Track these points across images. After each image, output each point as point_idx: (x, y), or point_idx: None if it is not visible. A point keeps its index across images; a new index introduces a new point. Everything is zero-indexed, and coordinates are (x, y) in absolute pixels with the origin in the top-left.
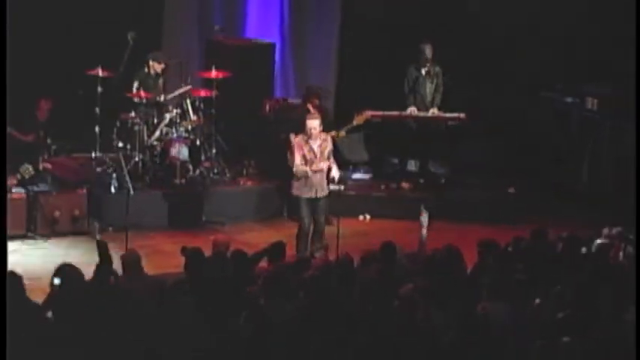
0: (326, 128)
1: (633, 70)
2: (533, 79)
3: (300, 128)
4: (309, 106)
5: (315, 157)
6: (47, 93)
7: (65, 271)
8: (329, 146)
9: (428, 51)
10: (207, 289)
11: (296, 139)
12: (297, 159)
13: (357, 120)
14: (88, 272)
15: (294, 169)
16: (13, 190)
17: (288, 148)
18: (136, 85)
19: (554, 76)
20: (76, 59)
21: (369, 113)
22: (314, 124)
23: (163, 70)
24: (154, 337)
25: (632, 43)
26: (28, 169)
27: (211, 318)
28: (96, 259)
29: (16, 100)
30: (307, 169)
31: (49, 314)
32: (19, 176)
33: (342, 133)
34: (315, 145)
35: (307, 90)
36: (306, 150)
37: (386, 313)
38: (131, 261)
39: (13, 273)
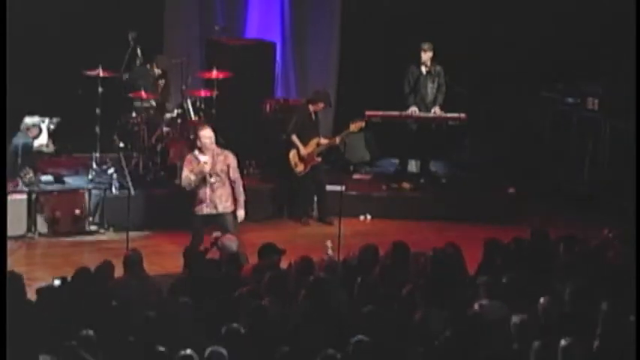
0: (325, 132)
1: (634, 69)
2: (534, 79)
3: (297, 127)
4: (310, 107)
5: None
6: (46, 94)
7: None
8: (230, 164)
9: (429, 50)
10: (206, 289)
11: (187, 156)
12: (185, 172)
13: (353, 127)
14: None
15: (182, 182)
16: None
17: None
18: (131, 75)
19: (555, 76)
20: (76, 59)
21: (363, 122)
22: (207, 133)
23: (162, 74)
24: (154, 336)
25: (632, 42)
26: (28, 174)
27: (209, 318)
28: (95, 259)
29: (16, 100)
30: (192, 176)
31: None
32: (19, 181)
33: (338, 140)
34: (204, 159)
35: (315, 94)
36: (194, 165)
37: (385, 312)
38: (133, 261)
39: (13, 273)
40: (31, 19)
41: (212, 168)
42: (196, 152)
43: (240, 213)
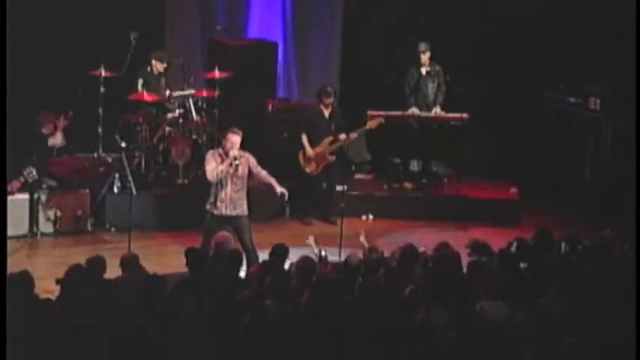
0: (337, 130)
1: (635, 70)
2: (536, 79)
3: (308, 127)
4: (321, 106)
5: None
6: (49, 94)
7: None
8: (251, 163)
9: (426, 50)
10: (208, 288)
11: (211, 152)
12: (211, 165)
13: (370, 124)
14: None
15: (210, 174)
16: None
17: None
18: (140, 82)
19: (556, 76)
20: (78, 60)
21: (381, 118)
22: (237, 140)
23: (165, 69)
24: (155, 334)
25: (633, 42)
26: (31, 173)
27: (211, 317)
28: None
29: (17, 101)
30: (222, 167)
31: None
32: (22, 180)
33: (354, 135)
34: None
35: (320, 89)
36: (219, 160)
37: (386, 312)
38: (129, 261)
39: (26, 273)
40: (31, 19)
41: (235, 169)
42: (220, 150)
43: (280, 189)
